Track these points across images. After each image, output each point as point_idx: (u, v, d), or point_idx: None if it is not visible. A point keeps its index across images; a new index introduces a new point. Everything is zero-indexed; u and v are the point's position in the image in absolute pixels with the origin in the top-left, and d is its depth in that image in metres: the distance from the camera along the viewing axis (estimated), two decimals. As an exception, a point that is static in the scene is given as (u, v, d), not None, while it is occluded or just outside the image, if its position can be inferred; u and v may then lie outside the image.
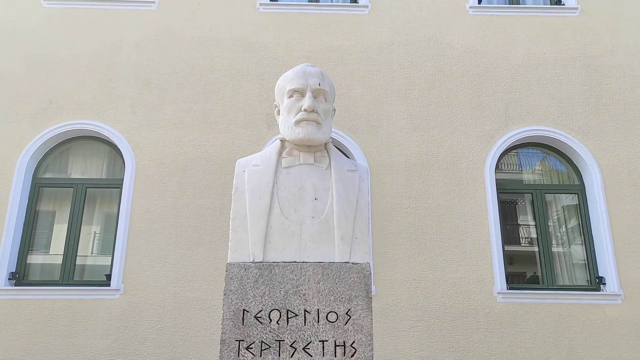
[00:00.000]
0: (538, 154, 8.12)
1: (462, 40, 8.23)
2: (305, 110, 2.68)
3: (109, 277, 7.14)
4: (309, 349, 2.36)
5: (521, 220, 8.69)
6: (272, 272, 2.50)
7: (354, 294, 2.47)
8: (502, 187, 7.79)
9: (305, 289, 2.47)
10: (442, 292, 7.08)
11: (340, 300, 2.46)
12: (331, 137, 2.86)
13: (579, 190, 7.81)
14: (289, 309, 2.43)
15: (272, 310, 2.43)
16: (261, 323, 2.41)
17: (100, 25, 8.18)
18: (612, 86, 8.00)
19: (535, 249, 7.79)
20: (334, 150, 2.85)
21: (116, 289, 6.99)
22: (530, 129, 7.82)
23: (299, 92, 2.75)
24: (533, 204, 7.82)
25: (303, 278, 2.49)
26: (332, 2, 8.73)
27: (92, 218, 7.75)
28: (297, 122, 2.70)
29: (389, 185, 7.50)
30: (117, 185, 7.62)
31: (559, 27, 8.31)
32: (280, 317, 2.41)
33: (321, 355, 2.35)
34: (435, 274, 7.15)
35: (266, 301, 2.45)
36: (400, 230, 7.27)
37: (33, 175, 7.68)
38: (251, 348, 2.36)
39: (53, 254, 7.58)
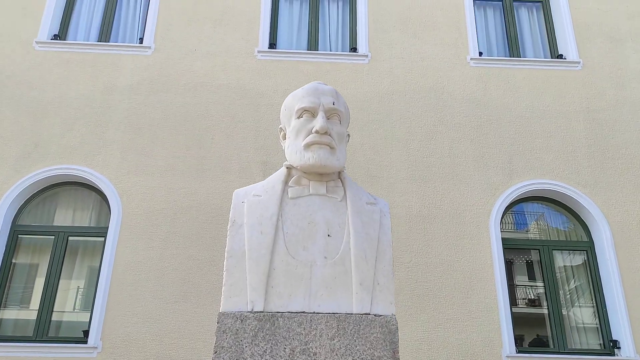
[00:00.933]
0: (544, 209, 7.80)
1: (464, 91, 8.06)
2: (317, 132, 2.31)
3: (86, 333, 6.59)
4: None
5: (528, 278, 8.27)
6: (275, 324, 2.05)
7: (377, 353, 2.01)
8: (508, 243, 7.42)
9: (316, 347, 2.02)
10: (447, 355, 6.56)
11: None
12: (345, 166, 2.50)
13: (588, 247, 7.44)
14: None
15: None
16: None
17: (93, 69, 7.96)
18: (618, 140, 7.79)
19: (544, 309, 7.33)
20: (349, 180, 2.46)
21: (94, 347, 6.43)
22: (535, 182, 7.53)
23: (310, 112, 2.38)
24: (540, 261, 7.43)
25: (313, 333, 2.04)
26: (331, 50, 8.60)
27: (73, 269, 7.25)
28: (307, 146, 2.32)
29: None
30: (102, 234, 7.18)
31: (562, 80, 8.18)
32: None
33: None
34: (440, 334, 6.66)
35: None
36: (401, 286, 6.82)
37: (12, 222, 7.23)
38: (246, 423, 1.87)
39: (28, 309, 7.03)
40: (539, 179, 7.55)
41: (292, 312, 2.08)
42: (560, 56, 8.52)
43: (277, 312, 2.08)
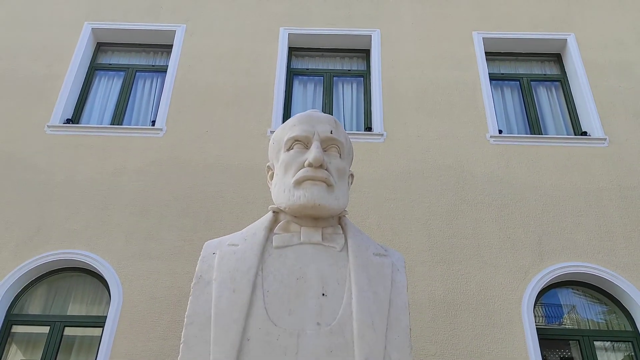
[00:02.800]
0: (580, 294, 7.12)
1: (485, 169, 7.67)
2: (310, 165, 1.87)
3: None
4: None
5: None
6: None
7: None
8: (543, 331, 6.70)
9: None
10: None
11: None
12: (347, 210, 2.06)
13: (633, 337, 6.68)
14: None
15: None
16: None
17: (103, 152, 7.80)
18: (655, 218, 7.23)
19: (590, 409, 6.48)
20: (352, 226, 1.98)
21: None
22: (569, 264, 6.93)
23: (302, 142, 1.96)
24: (581, 352, 6.65)
25: None
26: (345, 130, 8.38)
27: (68, 358, 6.67)
28: (298, 183, 1.88)
29: (412, 326, 6.44)
30: (100, 323, 6.66)
31: (588, 157, 7.78)
32: None
33: None
34: None
35: None
36: (426, 382, 6.09)
37: (7, 312, 6.78)
38: None
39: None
40: (572, 261, 6.95)
41: None
42: (585, 133, 8.17)
43: None
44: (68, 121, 8.25)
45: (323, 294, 1.73)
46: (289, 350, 1.61)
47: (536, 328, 6.55)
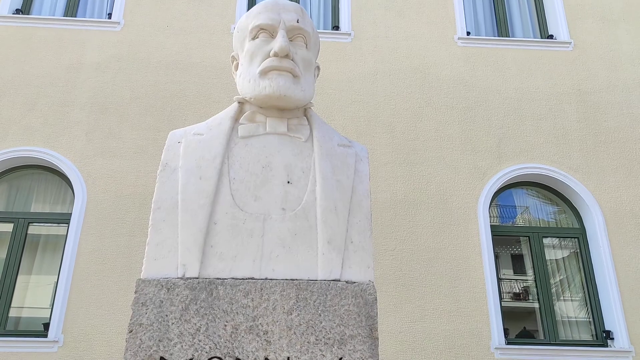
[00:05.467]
0: (534, 194, 7.46)
1: (451, 72, 7.67)
2: (275, 54, 1.84)
3: (47, 326, 6.10)
4: None
5: (517, 267, 7.93)
6: (214, 294, 1.57)
7: (349, 331, 1.54)
8: (496, 229, 7.07)
9: (267, 323, 1.55)
10: (433, 347, 6.20)
11: (326, 343, 1.54)
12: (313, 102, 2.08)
13: (580, 234, 7.12)
14: (240, 357, 1.50)
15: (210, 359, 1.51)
16: None
17: (58, 45, 7.43)
18: (610, 124, 7.46)
19: (534, 299, 7.00)
20: (317, 118, 1.99)
21: (54, 341, 5.95)
22: (525, 166, 7.18)
23: (268, 31, 1.91)
24: (530, 249, 7.08)
25: (265, 305, 1.56)
26: (312, 28, 8.16)
27: (33, 258, 6.74)
28: (264, 73, 1.86)
29: (372, 226, 6.69)
30: (65, 220, 6.69)
31: (552, 61, 7.83)
32: None
33: None
34: (425, 325, 6.28)
35: (202, 343, 1.53)
36: (385, 275, 6.43)
37: (-32, 208, 6.71)
38: None
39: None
40: (529, 163, 7.20)
41: (236, 279, 1.60)
42: (551, 36, 8.17)
43: (217, 279, 1.60)
44: (17, 11, 7.76)
45: (288, 182, 1.78)
46: (255, 232, 1.67)
47: (490, 226, 6.89)
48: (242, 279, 1.61)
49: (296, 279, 1.62)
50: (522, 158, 7.23)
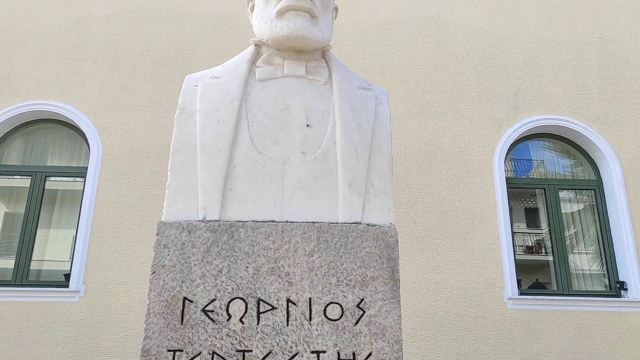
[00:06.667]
0: (550, 147, 7.36)
1: (468, 21, 7.48)
2: None
3: (67, 277, 6.25)
4: (293, 365, 1.46)
5: (530, 220, 7.92)
6: (235, 237, 1.57)
7: (371, 273, 1.55)
8: (512, 181, 7.02)
9: (288, 265, 1.56)
10: (446, 297, 6.27)
11: (347, 285, 1.55)
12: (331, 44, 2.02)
13: (596, 186, 7.05)
14: (262, 298, 1.52)
15: (232, 300, 1.52)
16: (213, 321, 1.50)
17: (67, -3, 7.33)
18: (632, 73, 7.28)
19: (549, 251, 7.01)
20: (336, 60, 1.95)
21: (75, 291, 6.10)
22: (542, 117, 7.07)
23: None
24: (546, 202, 7.05)
25: (286, 247, 1.57)
26: (325, -24, 7.94)
27: (52, 213, 6.84)
28: (281, 13, 1.80)
29: (387, 177, 6.68)
30: (81, 174, 6.75)
31: (573, 8, 7.59)
32: (246, 312, 1.50)
33: (315, 376, 1.42)
34: (439, 276, 6.34)
35: (224, 284, 1.54)
36: (399, 227, 6.39)
37: (-14, 163, 6.79)
38: (195, 363, 1.43)
39: (6, 256, 6.66)
40: (546, 114, 7.08)
41: (257, 222, 1.61)
42: (572, -17, 7.88)
43: (238, 222, 1.60)
44: (25, -37, 7.61)
45: (307, 125, 1.76)
46: (275, 176, 1.67)
47: (505, 178, 6.85)
48: (263, 221, 1.62)
49: (317, 222, 1.63)
50: (539, 109, 7.11)
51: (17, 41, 7.07)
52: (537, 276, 7.94)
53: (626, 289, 6.50)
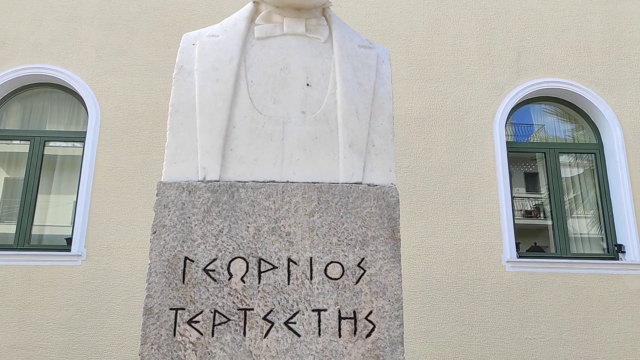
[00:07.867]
0: (551, 111, 7.31)
1: (470, -18, 7.32)
2: None
3: (69, 241, 6.29)
4: (294, 323, 1.50)
5: (529, 185, 7.93)
6: (235, 197, 1.58)
7: (372, 233, 1.56)
8: (512, 146, 7.00)
9: (289, 225, 1.56)
10: (445, 260, 6.33)
11: (348, 244, 1.56)
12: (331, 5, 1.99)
13: (597, 149, 7.03)
14: (263, 257, 1.53)
15: (233, 260, 1.53)
16: (215, 280, 1.51)
17: (61, -43, 7.16)
18: (636, 35, 7.17)
19: (548, 215, 7.04)
20: (336, 18, 1.91)
21: (78, 255, 6.15)
22: (544, 80, 6.99)
23: None
24: (546, 166, 7.04)
25: (286, 207, 1.58)
26: None
27: (52, 178, 6.84)
28: None
29: (387, 141, 6.65)
30: (80, 139, 6.72)
31: (578, -32, 7.43)
32: (247, 271, 1.51)
33: (316, 333, 1.45)
34: (438, 240, 6.39)
35: (225, 244, 1.55)
36: (399, 191, 6.44)
37: (-17, 127, 6.75)
38: (197, 322, 1.47)
39: (6, 221, 6.69)
40: (548, 77, 7.01)
41: (257, 182, 1.61)
42: (578, -58, 7.70)
43: (238, 182, 1.61)
44: None
45: (307, 84, 1.74)
46: (274, 136, 1.66)
47: (506, 142, 6.82)
48: (263, 182, 1.62)
49: (317, 182, 1.63)
50: (541, 72, 7.03)
51: (11, 3, 6.95)
52: (536, 240, 8.00)
53: (624, 252, 6.55)
